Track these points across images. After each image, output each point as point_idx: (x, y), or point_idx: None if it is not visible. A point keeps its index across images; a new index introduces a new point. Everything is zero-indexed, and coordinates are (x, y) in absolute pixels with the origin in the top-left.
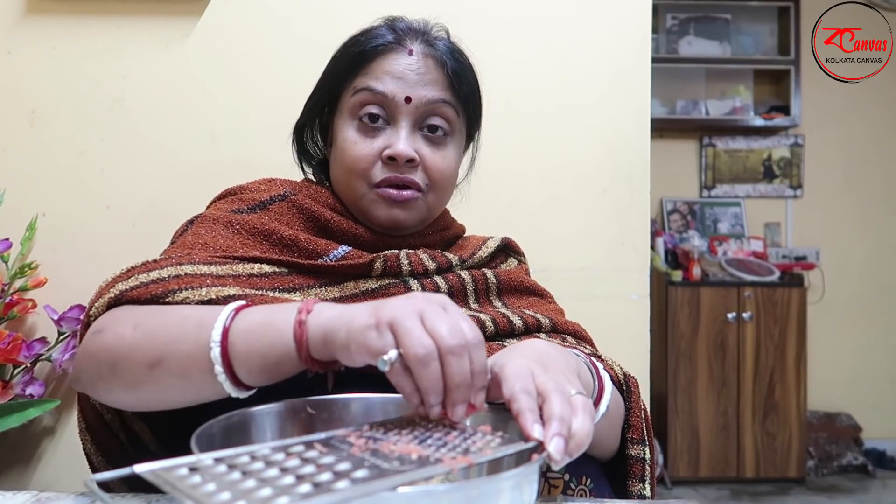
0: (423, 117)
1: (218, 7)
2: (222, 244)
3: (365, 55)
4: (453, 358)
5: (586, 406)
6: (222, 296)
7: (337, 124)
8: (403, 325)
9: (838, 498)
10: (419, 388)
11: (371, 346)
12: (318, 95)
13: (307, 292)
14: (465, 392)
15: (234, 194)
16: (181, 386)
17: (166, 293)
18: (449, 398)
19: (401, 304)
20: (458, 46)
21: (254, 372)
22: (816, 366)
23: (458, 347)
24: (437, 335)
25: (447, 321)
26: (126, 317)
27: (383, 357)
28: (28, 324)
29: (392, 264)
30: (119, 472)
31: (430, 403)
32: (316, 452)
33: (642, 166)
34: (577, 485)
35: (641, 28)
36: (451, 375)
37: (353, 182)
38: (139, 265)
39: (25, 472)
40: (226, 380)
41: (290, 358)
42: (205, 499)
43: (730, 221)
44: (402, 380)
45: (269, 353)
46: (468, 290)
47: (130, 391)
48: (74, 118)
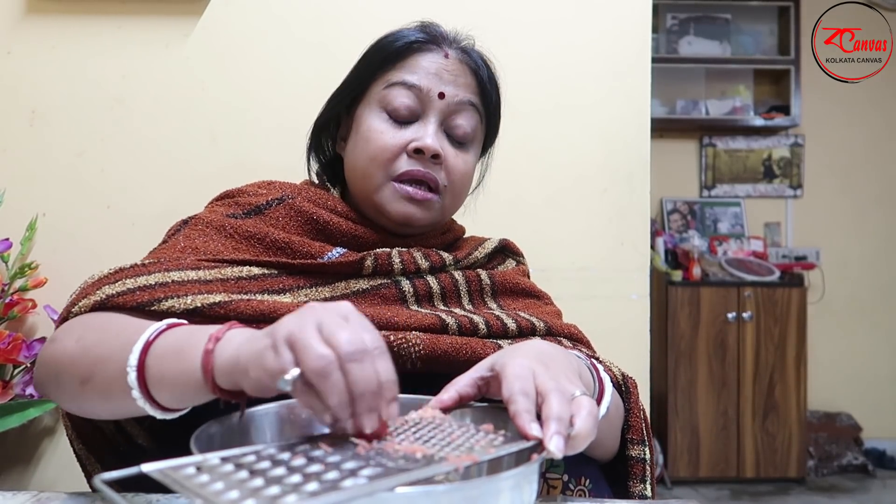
0: (450, 116)
1: (218, 7)
2: (213, 248)
3: (401, 51)
4: (354, 365)
5: (591, 406)
6: (207, 303)
7: (362, 115)
8: (300, 339)
9: (838, 498)
10: (326, 404)
11: (269, 366)
12: (344, 88)
13: (297, 293)
14: (372, 400)
15: (232, 197)
16: (110, 404)
17: (152, 301)
18: (355, 408)
19: (297, 319)
20: (489, 59)
21: (168, 398)
22: (816, 366)
23: (358, 353)
24: (335, 344)
25: (346, 329)
26: (75, 328)
27: (284, 377)
28: (28, 324)
29: (383, 262)
30: (127, 472)
31: (340, 417)
32: (321, 451)
33: (642, 166)
34: (576, 485)
35: (641, 28)
36: (353, 384)
37: (373, 172)
38: (128, 267)
39: (25, 472)
40: (145, 403)
41: (199, 386)
42: (214, 497)
43: (730, 221)
44: (308, 398)
45: (179, 381)
46: (461, 291)
47: (71, 402)
48: (74, 118)
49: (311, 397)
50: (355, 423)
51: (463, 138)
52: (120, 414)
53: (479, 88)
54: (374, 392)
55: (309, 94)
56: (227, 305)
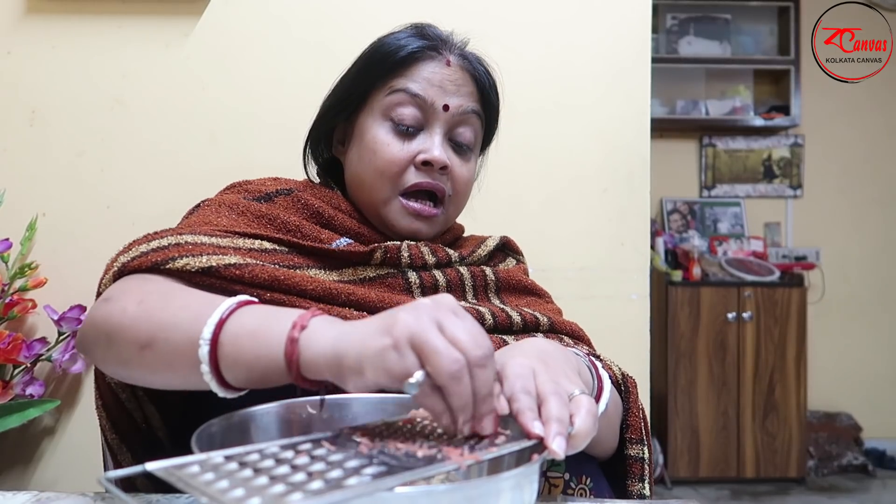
0: (454, 126)
1: (218, 7)
2: (226, 223)
3: (403, 59)
4: (480, 370)
5: (590, 405)
6: (223, 264)
7: (364, 124)
8: (428, 342)
9: (838, 498)
10: (450, 406)
11: (393, 369)
12: (343, 94)
13: (306, 271)
14: (492, 403)
15: (241, 186)
16: (168, 373)
17: (166, 260)
18: (478, 410)
19: (415, 318)
20: (487, 62)
21: (240, 378)
22: (816, 366)
23: (485, 358)
24: (462, 347)
25: (467, 330)
26: (135, 289)
27: (409, 381)
28: (28, 324)
29: (392, 255)
30: (131, 470)
31: (463, 420)
32: (325, 450)
33: (642, 166)
34: (577, 484)
35: (641, 28)
36: (479, 388)
37: (381, 185)
38: (140, 238)
39: (25, 472)
40: (212, 379)
41: (278, 372)
42: (219, 495)
43: (730, 221)
44: (432, 401)
45: (256, 365)
46: (466, 286)
47: (122, 366)
48: (74, 118)
49: (436, 399)
50: (475, 426)
51: (466, 146)
52: (174, 385)
53: (481, 95)
54: (492, 394)
55: (309, 94)
56: (242, 268)
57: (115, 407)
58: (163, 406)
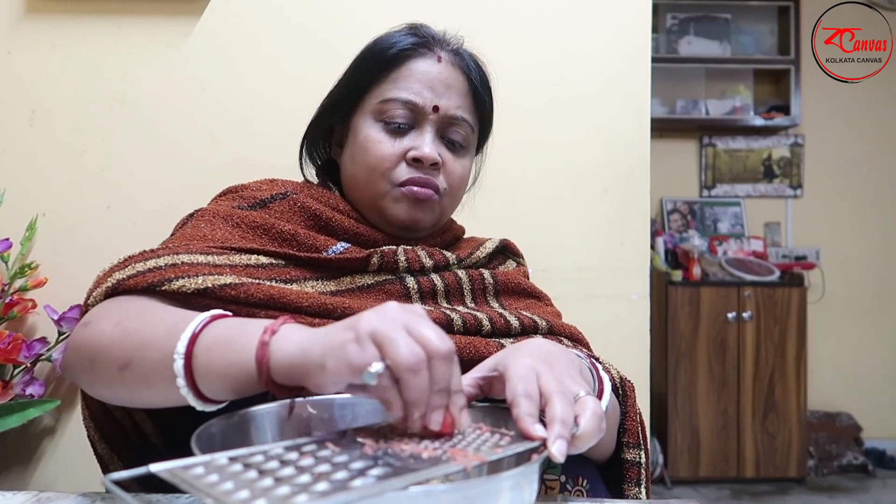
0: (445, 125)
1: (218, 7)
2: (220, 237)
3: (394, 59)
4: (439, 363)
5: (595, 406)
6: (218, 284)
7: (357, 124)
8: (388, 335)
9: (838, 498)
10: (404, 399)
11: (353, 360)
12: (338, 95)
13: (303, 284)
14: (445, 398)
15: (236, 192)
16: (148, 391)
17: (162, 281)
18: (429, 404)
19: (377, 316)
20: (480, 59)
21: (215, 389)
22: (816, 366)
23: (446, 354)
24: (424, 341)
25: (430, 328)
26: (112, 311)
27: (369, 370)
28: (28, 324)
29: (389, 260)
30: (135, 472)
31: (416, 415)
32: (329, 451)
33: (642, 166)
34: (574, 486)
35: (641, 28)
36: (435, 380)
37: (375, 180)
38: (136, 254)
39: (25, 472)
40: (188, 393)
41: (250, 379)
42: (224, 497)
43: (730, 221)
44: (388, 393)
45: (228, 372)
46: (465, 290)
47: (106, 388)
48: (74, 118)
49: (393, 392)
50: (425, 420)
51: (458, 143)
52: (156, 402)
53: (472, 92)
54: (447, 390)
55: (309, 93)
56: (237, 287)
57: (103, 416)
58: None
